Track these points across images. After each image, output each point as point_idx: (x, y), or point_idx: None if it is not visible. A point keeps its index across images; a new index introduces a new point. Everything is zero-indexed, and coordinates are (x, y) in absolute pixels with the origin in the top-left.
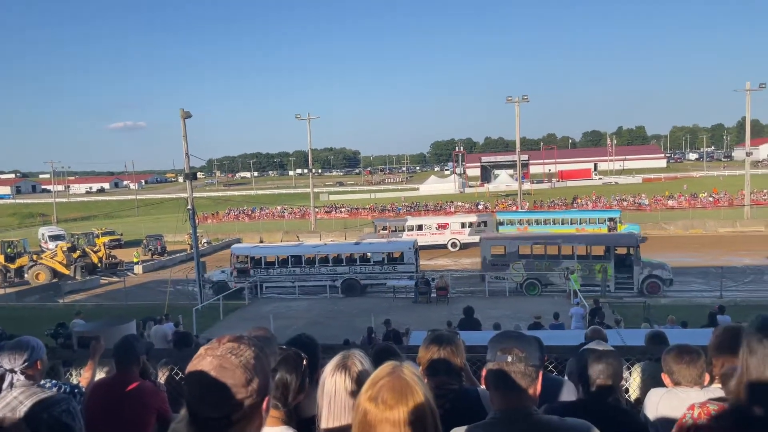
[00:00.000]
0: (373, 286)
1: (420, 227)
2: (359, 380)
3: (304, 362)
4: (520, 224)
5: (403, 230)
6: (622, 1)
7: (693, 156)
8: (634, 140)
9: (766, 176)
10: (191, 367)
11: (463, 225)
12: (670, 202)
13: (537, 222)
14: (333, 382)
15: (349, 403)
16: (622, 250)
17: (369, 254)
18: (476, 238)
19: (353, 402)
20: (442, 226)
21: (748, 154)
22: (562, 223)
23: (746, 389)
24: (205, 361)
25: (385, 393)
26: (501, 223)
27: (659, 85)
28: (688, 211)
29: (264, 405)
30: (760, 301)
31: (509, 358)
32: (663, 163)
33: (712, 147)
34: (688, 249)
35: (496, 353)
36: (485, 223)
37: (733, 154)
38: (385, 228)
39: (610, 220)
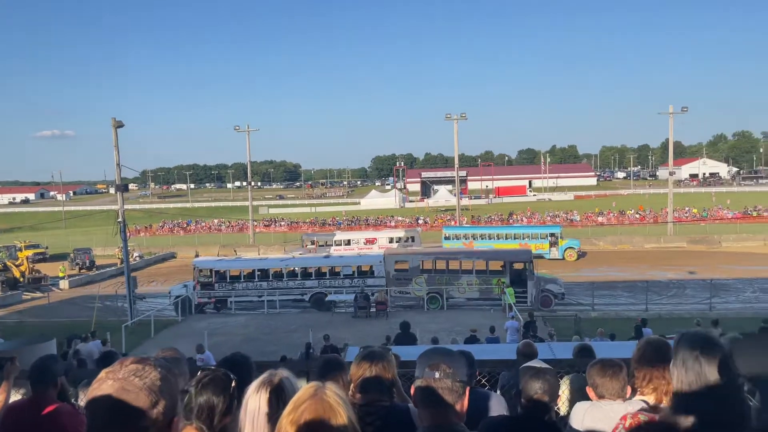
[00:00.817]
0: (344, 301)
1: (348, 242)
2: (284, 399)
3: (233, 384)
4: (466, 239)
5: (331, 245)
6: (554, 27)
7: (621, 174)
8: (566, 158)
9: (687, 195)
10: (92, 391)
11: (390, 240)
12: (600, 219)
13: (482, 237)
14: (257, 400)
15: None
16: (518, 266)
17: (338, 268)
18: None
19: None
20: (370, 241)
21: (671, 174)
22: (506, 238)
23: (680, 402)
24: (105, 384)
25: (308, 416)
26: (447, 238)
27: (590, 106)
28: (616, 227)
29: (171, 427)
30: (682, 313)
31: (437, 374)
32: (593, 181)
33: (639, 166)
34: (616, 263)
35: (424, 370)
36: (413, 238)
37: (657, 173)
38: (312, 242)
39: (552, 235)
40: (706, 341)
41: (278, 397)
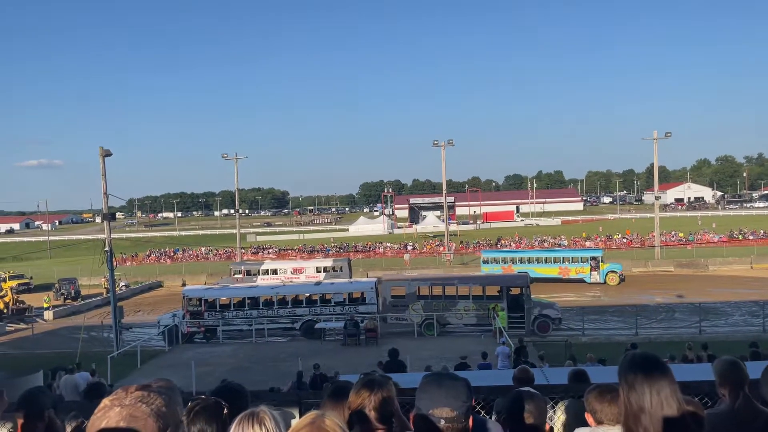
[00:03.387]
0: (335, 328)
1: (275, 271)
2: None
3: (225, 411)
4: (504, 263)
5: (258, 274)
6: (538, 55)
7: (607, 199)
8: (553, 184)
9: (673, 219)
10: (96, 421)
11: (318, 270)
12: (588, 244)
13: (520, 261)
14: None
15: None
16: (515, 291)
17: (330, 295)
18: None
19: None
20: (298, 271)
21: (657, 198)
22: (545, 262)
23: (631, 421)
24: (112, 411)
25: None
26: (486, 262)
27: (576, 132)
28: (604, 252)
29: None
30: (672, 337)
31: (442, 422)
32: (580, 206)
33: (624, 191)
34: (604, 288)
35: (426, 407)
36: (341, 267)
37: (643, 197)
38: (239, 272)
39: (593, 258)
40: (648, 360)
41: (262, 430)
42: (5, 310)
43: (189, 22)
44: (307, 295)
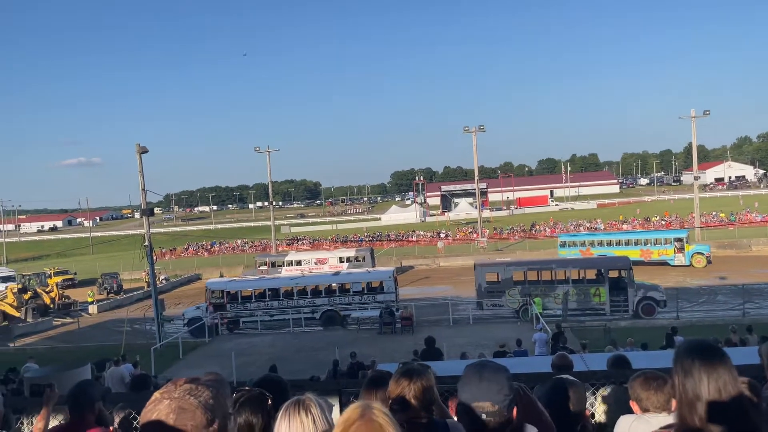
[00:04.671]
0: (368, 317)
1: (299, 262)
2: (314, 423)
3: (269, 402)
4: (583, 246)
5: (283, 265)
6: (571, 34)
7: (644, 181)
8: (587, 167)
9: (714, 199)
10: (147, 413)
11: (341, 260)
12: (625, 227)
13: (600, 243)
14: (287, 425)
15: None
16: (614, 273)
17: (348, 285)
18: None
19: None
20: (321, 261)
21: (696, 179)
22: (626, 244)
23: (686, 409)
24: (162, 404)
25: None
26: (563, 245)
27: (610, 113)
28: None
29: None
30: (715, 320)
31: (484, 416)
32: (616, 189)
33: (662, 172)
34: (643, 271)
35: (468, 399)
36: (364, 257)
37: (681, 178)
38: (265, 264)
39: (677, 240)
40: (705, 347)
41: (309, 421)
42: (52, 306)
43: (220, 16)
44: (327, 285)
